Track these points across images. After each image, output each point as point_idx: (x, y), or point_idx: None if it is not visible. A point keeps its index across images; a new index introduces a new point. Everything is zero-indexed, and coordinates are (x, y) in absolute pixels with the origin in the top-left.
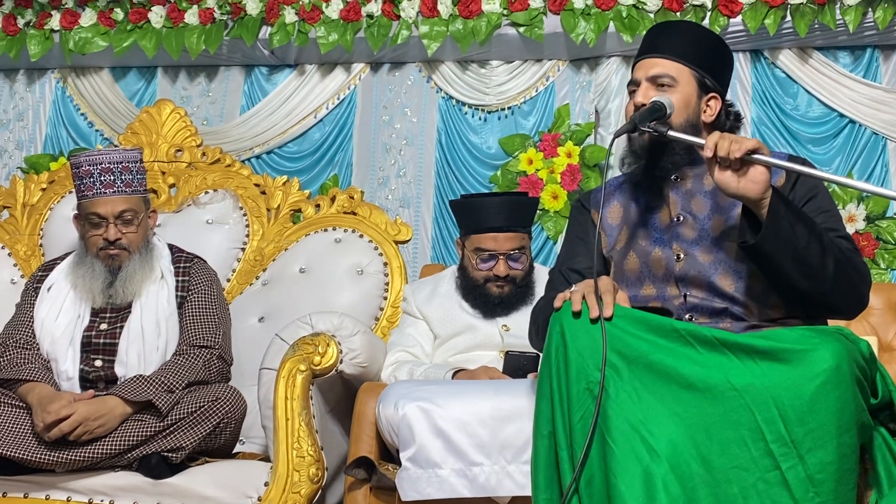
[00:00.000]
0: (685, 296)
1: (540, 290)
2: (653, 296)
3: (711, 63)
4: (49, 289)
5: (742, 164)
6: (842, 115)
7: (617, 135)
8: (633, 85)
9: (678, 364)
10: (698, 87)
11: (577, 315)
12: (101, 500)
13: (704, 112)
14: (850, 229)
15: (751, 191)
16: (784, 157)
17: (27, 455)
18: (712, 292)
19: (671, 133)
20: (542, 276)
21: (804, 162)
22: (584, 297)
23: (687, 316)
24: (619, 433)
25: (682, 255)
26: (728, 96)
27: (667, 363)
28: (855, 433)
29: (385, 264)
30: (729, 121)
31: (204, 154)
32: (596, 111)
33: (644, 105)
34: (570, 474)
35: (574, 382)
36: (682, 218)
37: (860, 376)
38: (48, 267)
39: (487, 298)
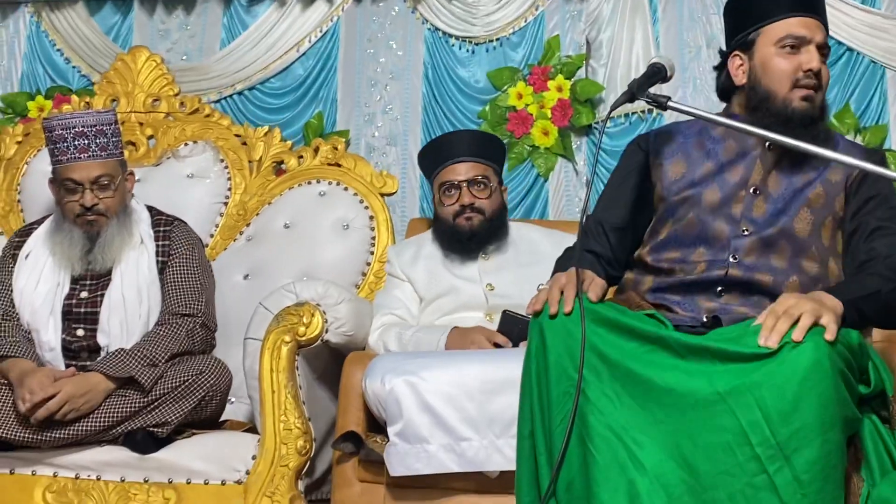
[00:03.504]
0: (728, 269)
1: (522, 246)
2: (701, 261)
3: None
4: (27, 256)
5: None
6: (839, 43)
7: (614, 106)
8: (794, 40)
9: (661, 370)
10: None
11: (553, 317)
12: (88, 476)
13: None
14: None
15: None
16: (861, 151)
17: (11, 434)
18: (761, 268)
19: (672, 104)
20: (521, 233)
21: (881, 157)
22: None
23: (719, 288)
24: (600, 440)
25: (746, 230)
26: None
27: (648, 370)
28: (840, 429)
29: (371, 218)
30: None
31: (182, 104)
32: (587, 42)
33: (815, 71)
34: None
35: (554, 385)
36: (757, 192)
37: (844, 368)
38: (25, 232)
39: (459, 235)
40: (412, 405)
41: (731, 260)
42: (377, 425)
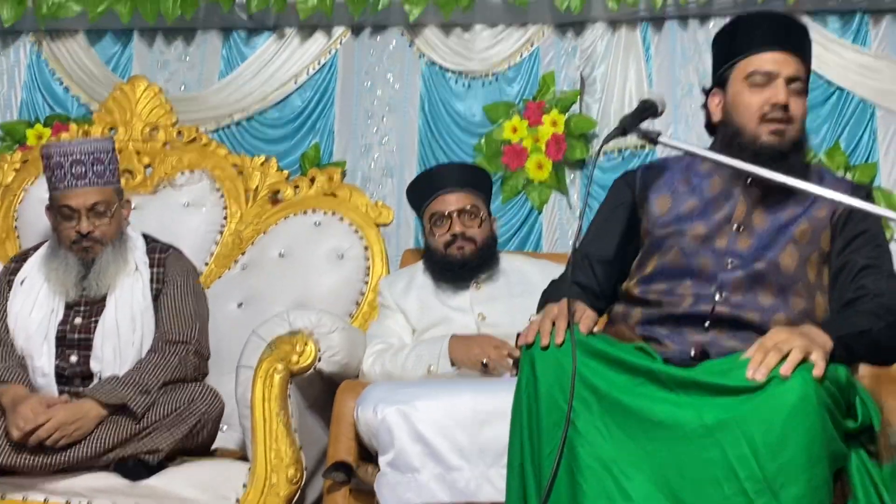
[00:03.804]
0: (714, 304)
1: (513, 277)
2: (688, 294)
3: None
4: (22, 282)
5: None
6: (829, 83)
7: (606, 140)
8: (762, 76)
9: (651, 403)
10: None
11: (545, 349)
12: (80, 502)
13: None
14: None
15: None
16: (848, 186)
17: (3, 459)
18: (748, 306)
19: (662, 140)
20: (512, 264)
21: (867, 192)
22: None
23: (706, 323)
24: (589, 472)
25: (731, 265)
26: None
27: (638, 402)
28: (826, 464)
29: (366, 248)
30: None
31: (180, 133)
32: (581, 78)
33: (782, 105)
34: None
35: (545, 416)
36: (741, 228)
37: (831, 404)
38: (21, 258)
39: (451, 265)
40: (404, 434)
41: (717, 297)
42: (368, 454)
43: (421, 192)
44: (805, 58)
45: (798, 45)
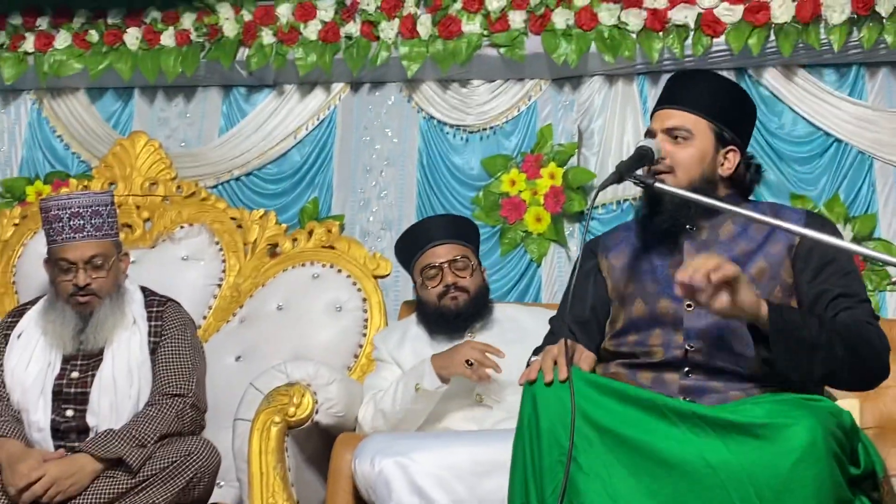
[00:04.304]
0: (686, 351)
1: (506, 325)
2: (658, 344)
3: (730, 115)
4: (19, 336)
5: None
6: (827, 134)
7: (602, 186)
8: (650, 135)
9: (653, 439)
10: (715, 140)
11: (549, 384)
12: None
13: (722, 165)
14: None
15: (745, 311)
16: (802, 216)
17: None
18: (720, 347)
19: (658, 185)
20: (505, 313)
21: (827, 222)
22: (555, 363)
23: (686, 369)
24: None
25: (692, 306)
26: None
27: (641, 437)
28: None
29: (364, 300)
30: (749, 173)
31: (179, 187)
32: (579, 131)
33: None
34: None
35: (546, 454)
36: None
37: (838, 450)
38: (18, 313)
39: (446, 316)
40: (402, 487)
41: (687, 347)
42: None
43: (409, 247)
44: (695, 106)
45: (679, 99)
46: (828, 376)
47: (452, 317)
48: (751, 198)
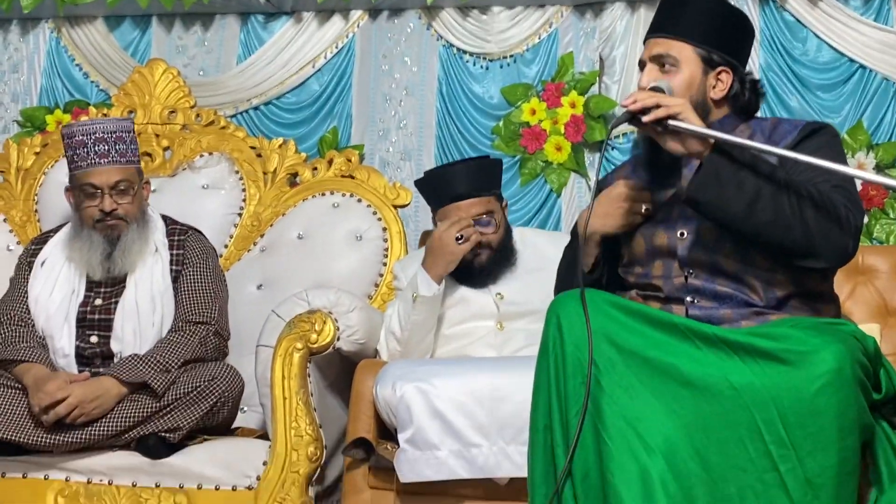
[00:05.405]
0: (686, 277)
1: (526, 253)
2: (660, 275)
3: (719, 36)
4: (42, 263)
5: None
6: (852, 61)
7: (613, 125)
8: (641, 66)
9: (676, 360)
10: (703, 64)
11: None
12: (100, 480)
13: (713, 88)
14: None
15: (694, 147)
16: (798, 126)
17: (24, 438)
18: (716, 273)
19: (671, 122)
20: (525, 239)
21: (822, 128)
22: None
23: (689, 298)
24: (615, 429)
25: (685, 234)
26: None
27: (664, 359)
28: (857, 436)
29: (384, 229)
30: (746, 92)
31: (198, 115)
32: (601, 58)
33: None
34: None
35: (571, 377)
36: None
37: (862, 376)
38: (41, 240)
39: (469, 270)
40: (423, 412)
41: (686, 273)
42: (388, 433)
43: (435, 194)
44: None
45: (669, 27)
46: (769, 231)
47: (476, 274)
48: (758, 115)
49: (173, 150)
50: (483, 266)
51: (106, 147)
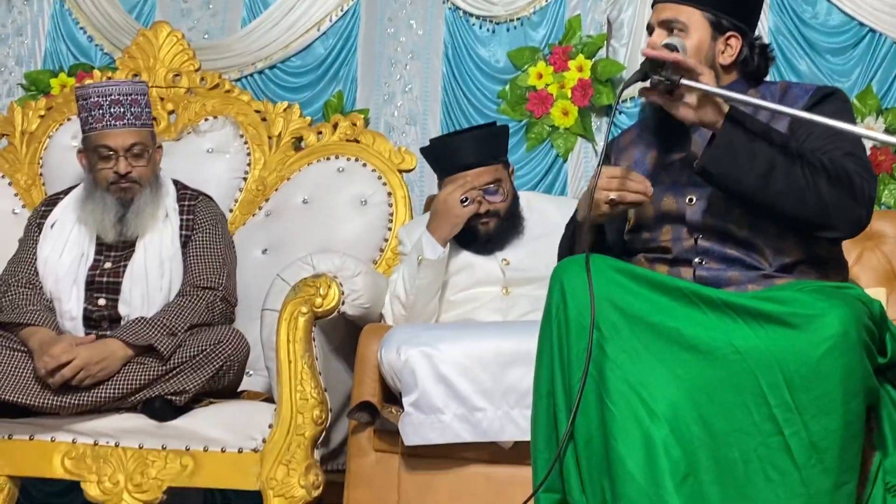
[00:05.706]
0: (696, 239)
1: (532, 219)
2: (669, 239)
3: (729, 0)
4: (52, 225)
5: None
6: (862, 24)
7: (626, 84)
8: (649, 30)
9: (680, 325)
10: (712, 29)
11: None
12: (107, 442)
13: (723, 53)
14: (867, 143)
15: (708, 116)
16: (809, 91)
17: (30, 400)
18: (725, 237)
19: (684, 81)
20: (531, 205)
21: (832, 93)
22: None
23: (697, 259)
24: (618, 395)
25: (693, 200)
26: None
27: (668, 324)
28: (862, 399)
29: (389, 194)
30: (755, 57)
31: (203, 79)
32: (608, 22)
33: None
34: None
35: (574, 343)
36: (689, 158)
37: (868, 340)
38: (51, 202)
39: (476, 237)
40: (427, 376)
41: (696, 237)
42: (392, 396)
43: (442, 162)
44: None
45: None
46: (783, 202)
47: (484, 241)
48: (767, 79)
49: (178, 114)
50: (490, 234)
51: (121, 109)
